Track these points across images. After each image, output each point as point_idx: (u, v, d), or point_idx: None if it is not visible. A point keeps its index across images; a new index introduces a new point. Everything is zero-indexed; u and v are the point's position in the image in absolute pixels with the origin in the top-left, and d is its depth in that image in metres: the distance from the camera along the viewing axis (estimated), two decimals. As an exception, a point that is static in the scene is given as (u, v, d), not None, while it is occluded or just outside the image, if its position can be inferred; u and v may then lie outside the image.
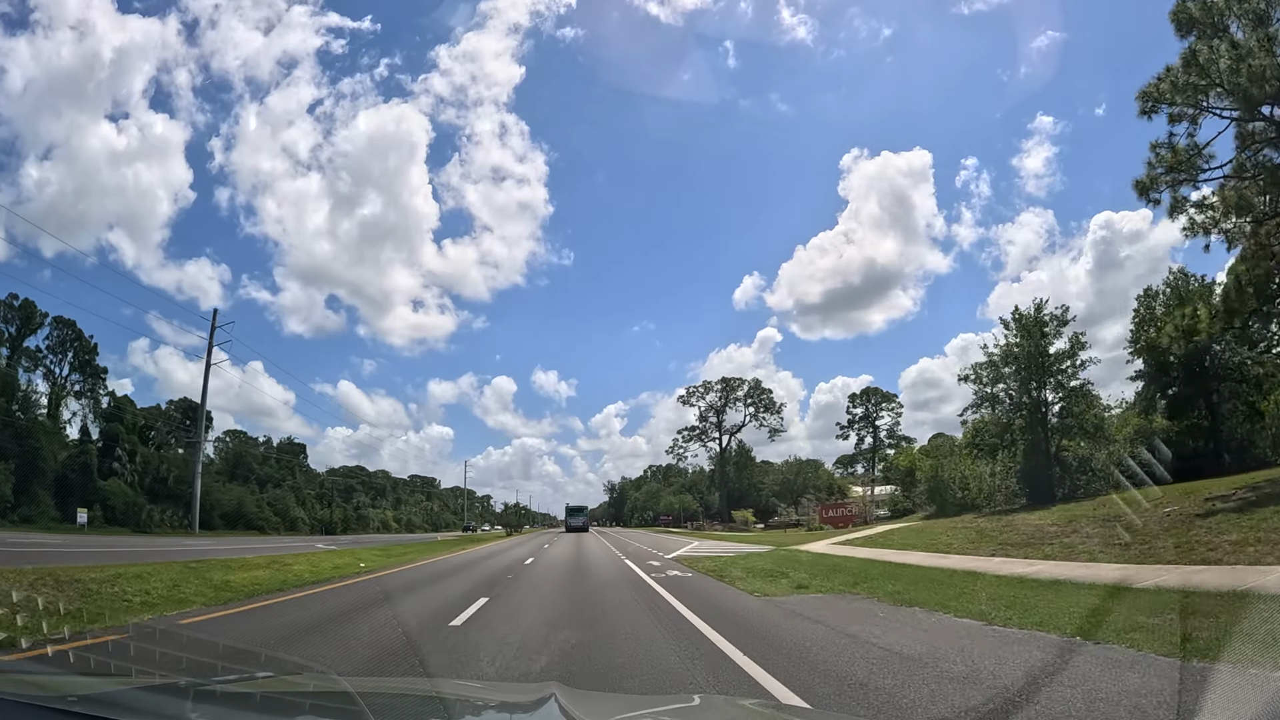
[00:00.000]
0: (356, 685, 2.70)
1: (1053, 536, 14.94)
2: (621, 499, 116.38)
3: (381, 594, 11.27)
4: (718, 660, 5.77)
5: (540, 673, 5.39)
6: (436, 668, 5.64)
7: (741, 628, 7.41)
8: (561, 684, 3.16)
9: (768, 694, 4.64)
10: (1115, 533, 13.22)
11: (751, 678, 5.10)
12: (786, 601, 9.54)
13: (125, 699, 2.03)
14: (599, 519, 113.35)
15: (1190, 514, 13.21)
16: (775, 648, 6.25)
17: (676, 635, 7.04)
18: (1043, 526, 16.72)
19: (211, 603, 9.69)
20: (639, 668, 5.54)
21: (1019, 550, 14.24)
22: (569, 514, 76.77)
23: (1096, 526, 14.59)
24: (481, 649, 6.40)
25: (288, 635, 7.32)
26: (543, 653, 6.18)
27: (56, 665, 3.52)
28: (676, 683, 5.02)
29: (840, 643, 6.40)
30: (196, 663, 3.61)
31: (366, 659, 5.98)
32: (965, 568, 12.62)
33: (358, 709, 2.09)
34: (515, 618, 8.51)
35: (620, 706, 3.09)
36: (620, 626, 7.70)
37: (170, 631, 6.84)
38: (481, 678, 5.27)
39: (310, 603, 10.27)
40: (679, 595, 10.52)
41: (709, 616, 8.19)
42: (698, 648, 6.33)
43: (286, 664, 4.91)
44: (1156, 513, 14.28)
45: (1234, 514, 12.14)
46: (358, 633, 7.34)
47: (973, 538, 17.82)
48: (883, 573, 12.46)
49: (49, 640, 5.05)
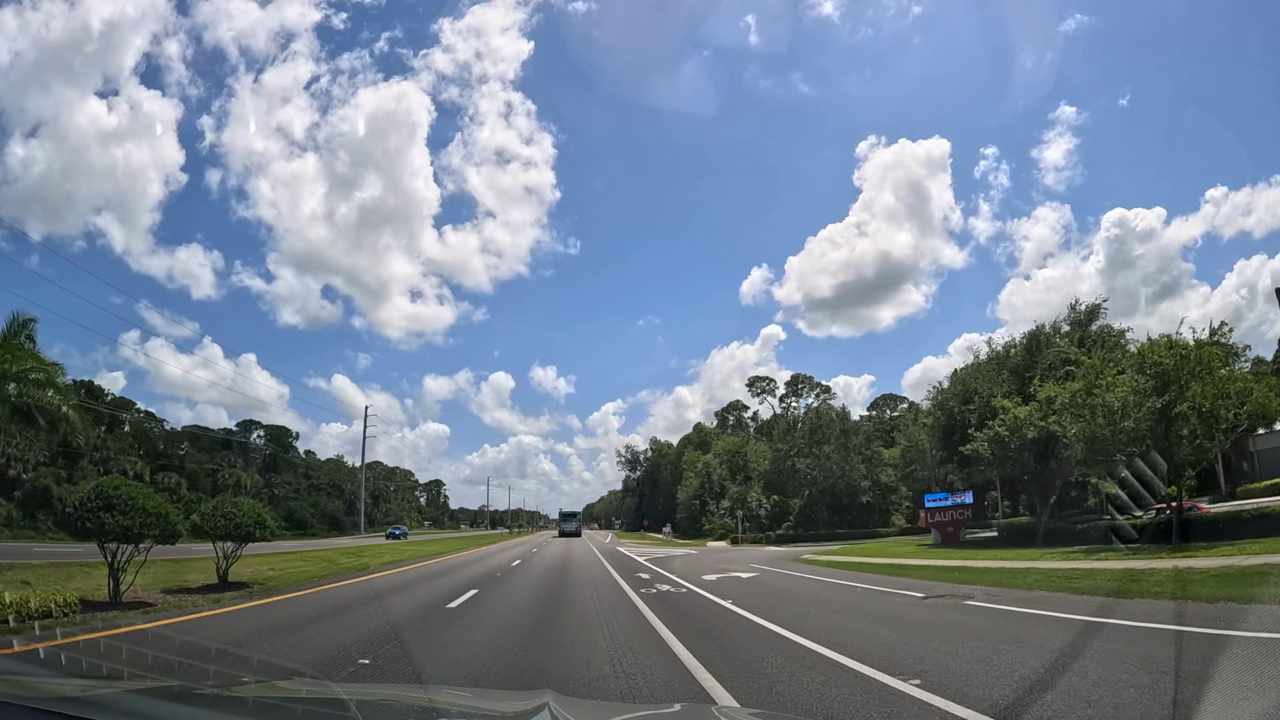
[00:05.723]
0: (349, 691, 2.92)
1: None
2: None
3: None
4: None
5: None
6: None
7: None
8: (555, 692, 3.15)
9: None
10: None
11: None
12: None
13: (116, 702, 2.01)
14: (621, 517, 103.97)
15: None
16: None
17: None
18: None
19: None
20: None
21: None
22: (561, 519, 77.77)
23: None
24: None
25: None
26: None
27: (48, 666, 3.49)
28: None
29: None
30: (188, 666, 3.89)
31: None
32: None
33: (350, 716, 2.22)
34: None
35: (610, 714, 3.55)
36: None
37: (162, 634, 6.93)
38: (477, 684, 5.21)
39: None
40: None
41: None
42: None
43: (279, 669, 5.10)
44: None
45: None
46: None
47: None
48: None
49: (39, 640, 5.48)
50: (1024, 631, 7.84)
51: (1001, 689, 5.07)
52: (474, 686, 5.08)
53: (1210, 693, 4.66)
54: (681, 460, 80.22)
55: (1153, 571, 12.48)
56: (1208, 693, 4.65)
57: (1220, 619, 7.54)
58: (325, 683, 3.58)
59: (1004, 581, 13.63)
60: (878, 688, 5.23)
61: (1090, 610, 9.02)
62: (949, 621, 9.08)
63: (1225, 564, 12.37)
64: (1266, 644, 6.24)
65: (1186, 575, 11.37)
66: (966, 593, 12.14)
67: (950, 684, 5.24)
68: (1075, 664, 5.79)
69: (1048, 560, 17.63)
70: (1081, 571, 13.95)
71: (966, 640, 7.30)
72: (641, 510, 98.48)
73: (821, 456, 44.97)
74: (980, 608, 10.20)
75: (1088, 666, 5.66)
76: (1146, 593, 10.21)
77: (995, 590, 12.14)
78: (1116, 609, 8.97)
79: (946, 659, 6.26)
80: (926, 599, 11.72)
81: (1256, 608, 8.05)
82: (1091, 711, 4.42)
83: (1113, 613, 8.68)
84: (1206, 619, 7.65)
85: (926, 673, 5.63)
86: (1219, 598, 8.89)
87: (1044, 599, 10.59)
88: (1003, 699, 4.79)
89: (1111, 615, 8.51)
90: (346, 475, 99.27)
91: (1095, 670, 5.51)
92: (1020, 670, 5.63)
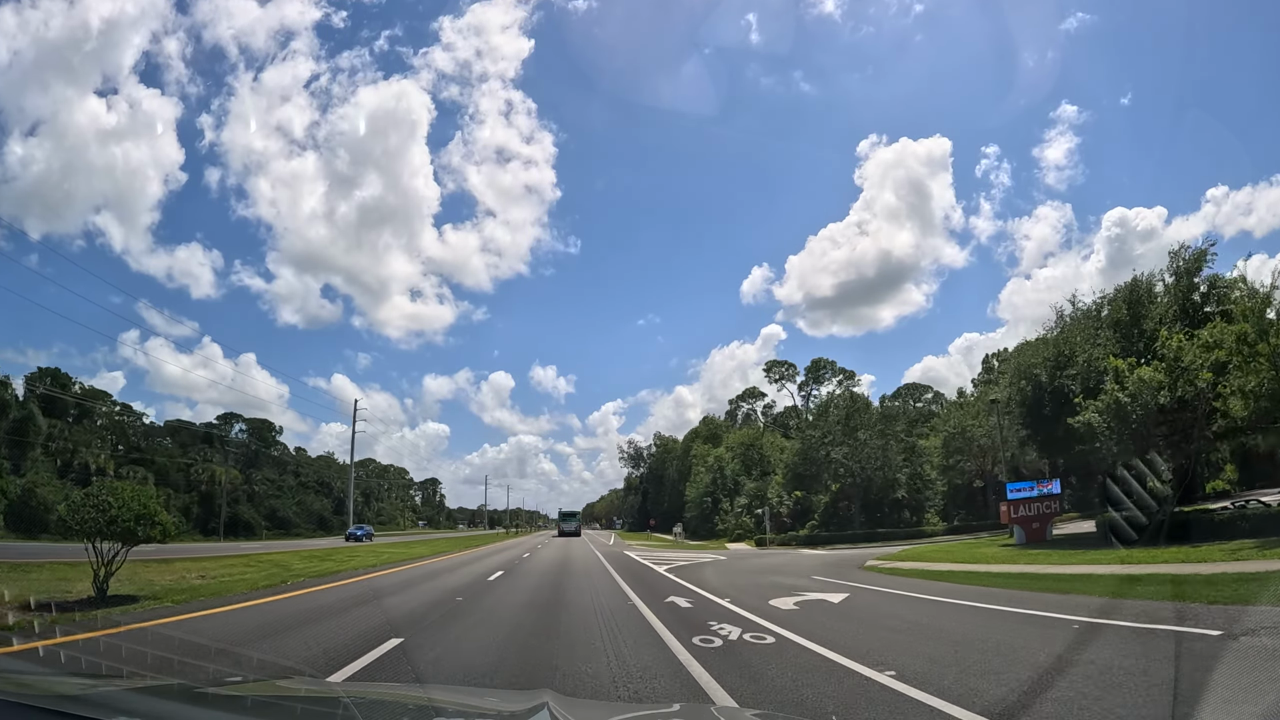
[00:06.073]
0: (348, 690, 3.07)
1: None
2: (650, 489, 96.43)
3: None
4: None
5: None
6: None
7: None
8: (554, 692, 3.06)
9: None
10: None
11: None
12: None
13: (116, 701, 1.95)
14: (622, 516, 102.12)
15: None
16: None
17: None
18: None
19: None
20: None
21: None
22: (561, 519, 77.42)
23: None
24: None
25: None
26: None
27: (48, 664, 3.47)
28: None
29: None
30: (187, 665, 3.89)
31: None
32: None
33: (349, 715, 2.18)
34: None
35: (609, 714, 3.37)
36: None
37: (162, 633, 6.93)
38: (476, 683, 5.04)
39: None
40: None
41: None
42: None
43: (278, 668, 5.08)
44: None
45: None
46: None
47: None
48: None
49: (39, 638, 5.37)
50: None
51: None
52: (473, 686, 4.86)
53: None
54: (689, 455, 74.35)
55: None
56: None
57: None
58: (324, 682, 3.61)
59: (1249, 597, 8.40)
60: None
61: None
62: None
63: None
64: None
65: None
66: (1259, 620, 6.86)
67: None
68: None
69: (1230, 563, 12.36)
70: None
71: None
72: (645, 509, 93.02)
73: (858, 445, 39.22)
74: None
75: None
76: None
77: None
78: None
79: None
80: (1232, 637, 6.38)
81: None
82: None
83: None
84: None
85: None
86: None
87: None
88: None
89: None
90: (336, 473, 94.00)
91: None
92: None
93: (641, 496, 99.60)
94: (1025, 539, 23.96)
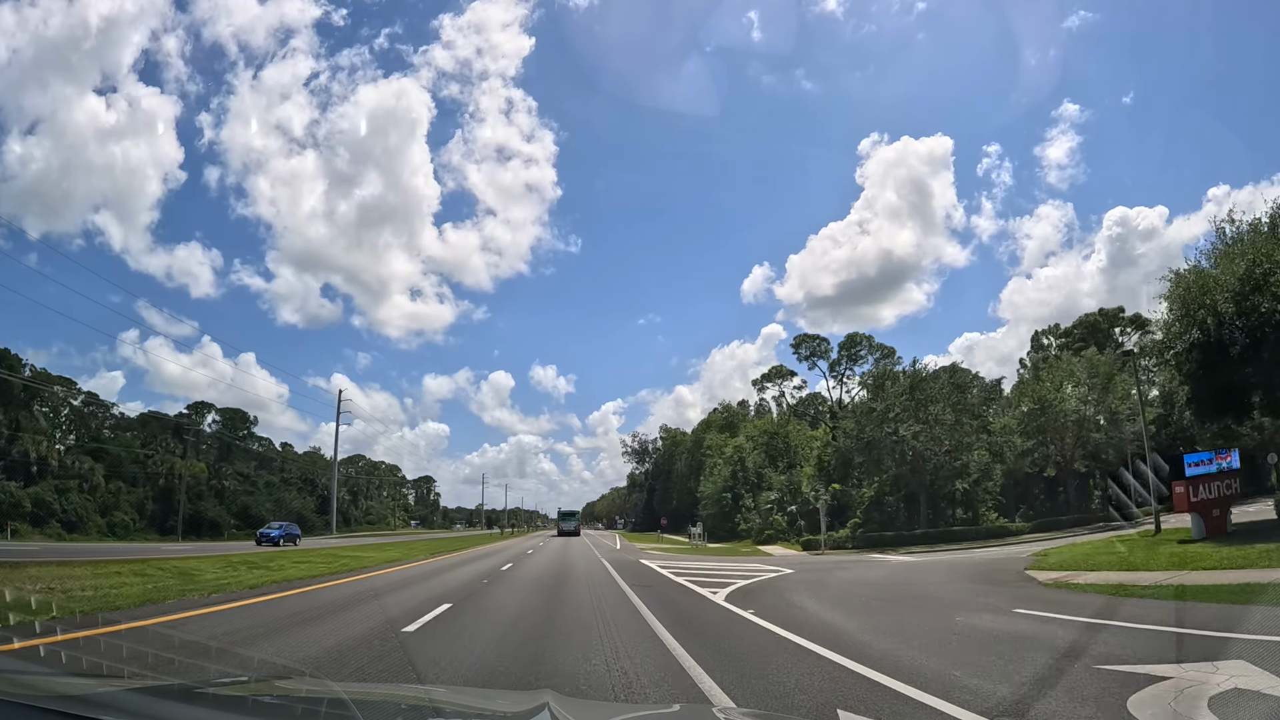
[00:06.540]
0: (348, 690, 2.89)
1: None
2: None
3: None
4: None
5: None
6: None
7: None
8: (555, 692, 3.00)
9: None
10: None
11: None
12: None
13: (116, 701, 1.92)
14: (625, 515, 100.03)
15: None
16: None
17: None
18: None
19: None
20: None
21: None
22: (561, 518, 77.08)
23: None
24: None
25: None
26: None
27: (48, 664, 3.32)
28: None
29: None
30: (188, 665, 3.75)
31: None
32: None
33: (349, 714, 2.12)
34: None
35: (609, 714, 3.37)
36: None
37: (162, 633, 6.60)
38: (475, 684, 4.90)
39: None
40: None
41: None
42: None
43: (278, 668, 4.89)
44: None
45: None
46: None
47: None
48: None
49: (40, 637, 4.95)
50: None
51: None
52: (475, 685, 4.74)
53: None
54: (700, 448, 67.43)
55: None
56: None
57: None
58: (325, 682, 3.49)
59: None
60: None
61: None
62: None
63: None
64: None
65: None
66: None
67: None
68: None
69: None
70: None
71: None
72: (652, 507, 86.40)
73: (929, 421, 32.07)
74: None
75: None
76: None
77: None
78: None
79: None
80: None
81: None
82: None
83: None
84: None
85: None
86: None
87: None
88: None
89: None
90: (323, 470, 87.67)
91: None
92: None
93: (647, 494, 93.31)
94: (1205, 531, 17.34)
